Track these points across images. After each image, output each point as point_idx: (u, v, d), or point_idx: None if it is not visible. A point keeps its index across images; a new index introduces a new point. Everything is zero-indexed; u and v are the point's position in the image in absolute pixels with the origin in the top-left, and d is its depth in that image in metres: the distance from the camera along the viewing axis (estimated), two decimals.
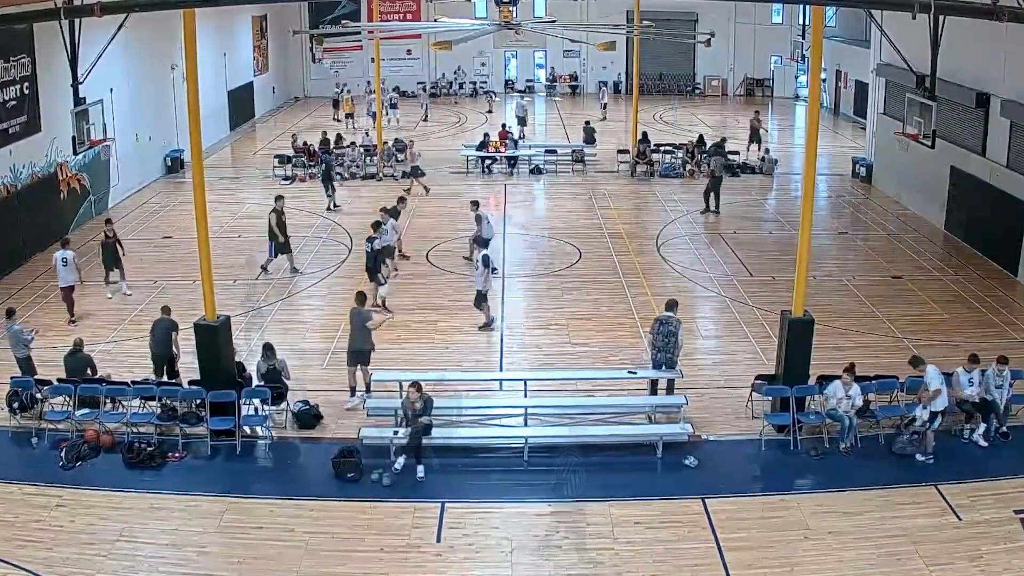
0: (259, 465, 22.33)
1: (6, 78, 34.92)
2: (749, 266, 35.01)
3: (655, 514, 19.69)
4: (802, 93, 75.33)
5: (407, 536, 19.01)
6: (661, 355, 24.14)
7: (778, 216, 42.62)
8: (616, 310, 30.78)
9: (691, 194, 45.66)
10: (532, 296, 32.38)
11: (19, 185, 35.99)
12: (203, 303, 22.94)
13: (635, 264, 35.16)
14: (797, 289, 22.62)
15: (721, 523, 19.31)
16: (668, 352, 24.08)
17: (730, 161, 50.09)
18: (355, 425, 22.84)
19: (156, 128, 48.83)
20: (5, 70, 34.82)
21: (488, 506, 20.09)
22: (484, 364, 27.09)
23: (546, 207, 45.04)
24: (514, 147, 52.00)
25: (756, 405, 23.58)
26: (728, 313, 30.37)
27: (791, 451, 22.23)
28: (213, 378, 22.94)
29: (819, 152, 22.78)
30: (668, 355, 24.11)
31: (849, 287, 32.76)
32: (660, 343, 24.03)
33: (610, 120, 66.53)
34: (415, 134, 59.99)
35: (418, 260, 35.61)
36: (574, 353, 27.69)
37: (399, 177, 48.80)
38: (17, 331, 24.95)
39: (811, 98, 25.22)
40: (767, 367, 25.00)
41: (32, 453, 22.42)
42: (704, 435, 22.80)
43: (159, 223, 40.97)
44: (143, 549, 18.62)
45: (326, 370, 26.32)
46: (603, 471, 21.39)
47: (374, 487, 20.76)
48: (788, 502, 20.13)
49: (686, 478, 21.12)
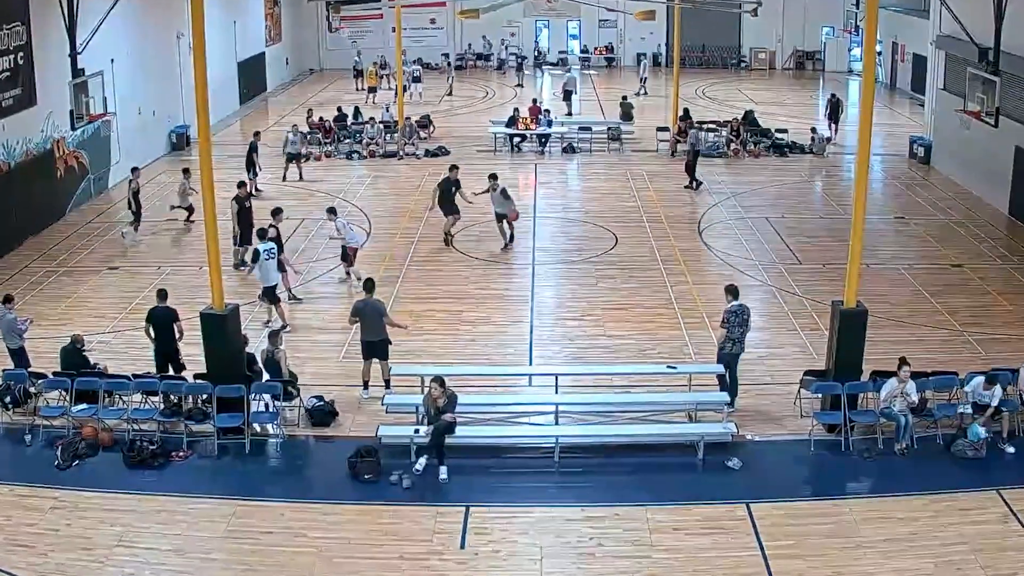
0: (269, 465, 22.33)
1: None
2: (798, 253, 34.86)
3: (696, 520, 19.59)
4: (856, 67, 74.86)
5: (428, 542, 18.95)
6: (739, 347, 23.99)
7: (829, 199, 42.44)
8: (654, 300, 30.70)
9: (736, 175, 45.63)
10: (564, 284, 32.33)
11: (12, 163, 35.90)
12: (210, 291, 22.87)
13: (675, 250, 35.07)
14: (849, 278, 22.47)
15: (767, 530, 19.19)
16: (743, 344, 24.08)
17: (780, 140, 50.06)
18: (373, 423, 22.77)
19: (160, 102, 49.00)
20: None
21: (516, 510, 20.01)
22: (512, 358, 27.06)
23: (580, 188, 45.00)
24: (546, 124, 51.87)
25: (805, 403, 23.44)
26: (775, 303, 30.25)
27: (842, 452, 22.07)
28: (220, 371, 22.83)
29: (874, 131, 22.65)
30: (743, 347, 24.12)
31: (905, 276, 32.57)
32: (738, 334, 23.86)
33: (649, 95, 66.44)
34: (440, 109, 60.07)
35: (442, 245, 35.67)
36: (609, 346, 27.63)
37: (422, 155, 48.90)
38: (11, 320, 24.86)
39: (865, 73, 25.05)
40: (817, 362, 24.88)
41: (25, 452, 22.42)
42: (749, 435, 22.70)
43: (163, 204, 41.00)
44: (144, 555, 18.58)
45: (342, 364, 26.33)
46: (640, 473, 21.31)
47: (393, 489, 20.68)
48: (839, 507, 20.00)
49: (729, 481, 21.02)
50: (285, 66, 74.34)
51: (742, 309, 23.80)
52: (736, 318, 23.62)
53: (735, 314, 23.67)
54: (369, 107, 59.70)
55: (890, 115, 59.83)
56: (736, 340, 23.67)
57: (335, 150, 49.75)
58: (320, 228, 35.94)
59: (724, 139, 50.63)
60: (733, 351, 23.81)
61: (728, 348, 23.69)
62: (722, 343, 23.65)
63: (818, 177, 46.36)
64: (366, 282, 25.49)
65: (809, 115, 56.66)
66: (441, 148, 50.16)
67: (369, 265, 32.86)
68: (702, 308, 29.63)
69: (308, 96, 67.28)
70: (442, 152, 49.62)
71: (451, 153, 48.79)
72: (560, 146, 51.30)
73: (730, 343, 23.68)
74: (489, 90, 70.57)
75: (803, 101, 64.39)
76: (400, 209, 39.18)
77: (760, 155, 49.53)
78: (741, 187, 43.28)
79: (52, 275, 32.29)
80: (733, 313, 23.67)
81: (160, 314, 24.65)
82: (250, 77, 65.23)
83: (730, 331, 23.59)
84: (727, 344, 23.65)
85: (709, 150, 49.36)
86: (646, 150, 50.84)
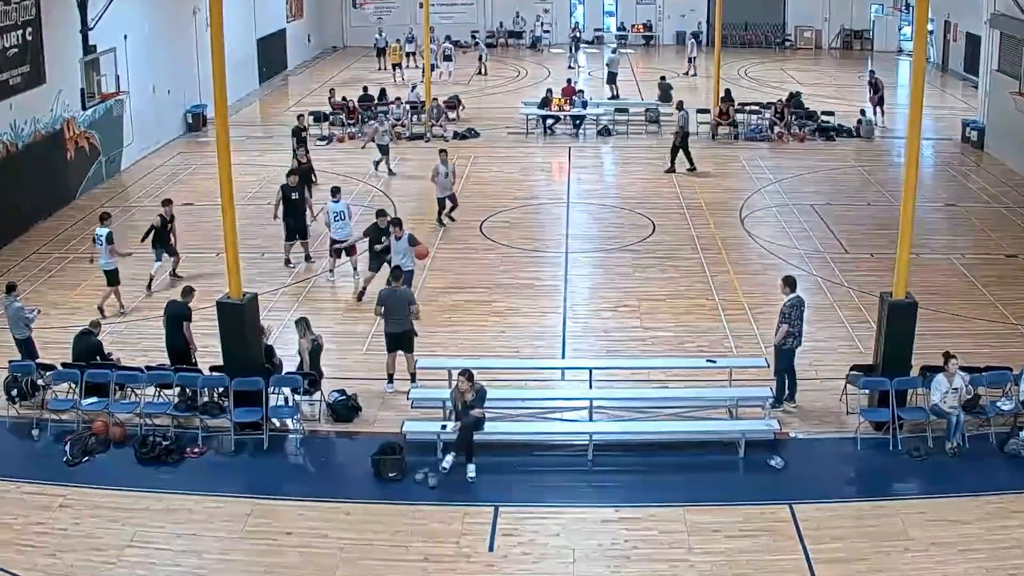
0: (289, 462, 22.47)
1: (6, 22, 34.72)
2: (844, 241, 34.76)
3: (736, 521, 19.60)
4: (906, 47, 74.53)
5: (455, 544, 19.01)
6: (797, 341, 23.91)
7: (878, 185, 42.23)
8: (694, 290, 30.68)
9: (780, 159, 45.52)
10: (599, 274, 32.33)
11: (20, 144, 36.02)
12: (227, 279, 22.92)
13: (716, 238, 35.04)
14: (899, 268, 22.39)
15: (810, 532, 19.17)
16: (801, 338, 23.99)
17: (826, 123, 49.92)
18: (398, 418, 22.84)
19: (176, 80, 48.99)
20: (5, 13, 34.61)
21: (547, 511, 20.05)
22: (544, 350, 27.10)
23: (615, 173, 44.96)
24: (581, 106, 51.74)
25: (851, 399, 23.32)
26: (820, 294, 30.08)
27: (890, 451, 22.01)
28: (238, 363, 22.86)
29: (924, 114, 22.54)
30: (801, 341, 24.04)
31: (957, 266, 32.43)
32: (797, 328, 23.81)
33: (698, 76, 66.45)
34: (470, 89, 60.08)
35: (471, 232, 35.74)
36: (646, 339, 27.64)
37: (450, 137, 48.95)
38: (18, 308, 24.92)
39: (916, 52, 24.94)
40: (864, 356, 24.80)
41: (33, 447, 22.59)
42: (792, 432, 22.70)
43: (178, 188, 41.22)
44: (157, 556, 18.68)
45: (366, 356, 26.41)
46: (678, 472, 21.33)
47: (419, 488, 20.75)
48: (886, 509, 19.97)
49: (771, 481, 21.03)
50: (307, 43, 74.46)
51: (801, 301, 23.76)
52: (796, 311, 23.54)
53: (795, 307, 23.57)
54: (395, 86, 59.73)
55: (941, 97, 59.52)
56: (796, 334, 23.64)
57: (359, 132, 49.77)
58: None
59: (768, 122, 50.48)
60: (794, 346, 23.80)
61: (789, 344, 23.63)
62: (783, 339, 23.57)
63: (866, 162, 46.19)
64: (394, 270, 25.55)
65: (857, 97, 56.37)
66: (470, 130, 50.21)
67: None
68: (744, 299, 29.63)
69: (330, 75, 67.35)
70: (471, 134, 49.70)
71: (480, 136, 48.85)
72: (595, 129, 51.25)
73: (791, 338, 23.63)
74: (521, 70, 70.53)
75: (850, 82, 64.06)
76: (427, 194, 39.19)
77: (805, 139, 49.28)
78: (785, 172, 43.17)
79: (61, 262, 32.42)
80: (793, 306, 23.57)
81: (170, 309, 24.80)
82: (270, 55, 65.40)
83: (791, 325, 23.54)
84: (788, 340, 23.59)
85: (753, 133, 49.35)
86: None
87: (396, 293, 24.62)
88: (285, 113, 55.73)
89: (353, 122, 50.52)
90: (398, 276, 25.16)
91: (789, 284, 23.93)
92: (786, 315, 23.46)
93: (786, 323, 23.43)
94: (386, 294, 24.72)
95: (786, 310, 23.53)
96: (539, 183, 42.54)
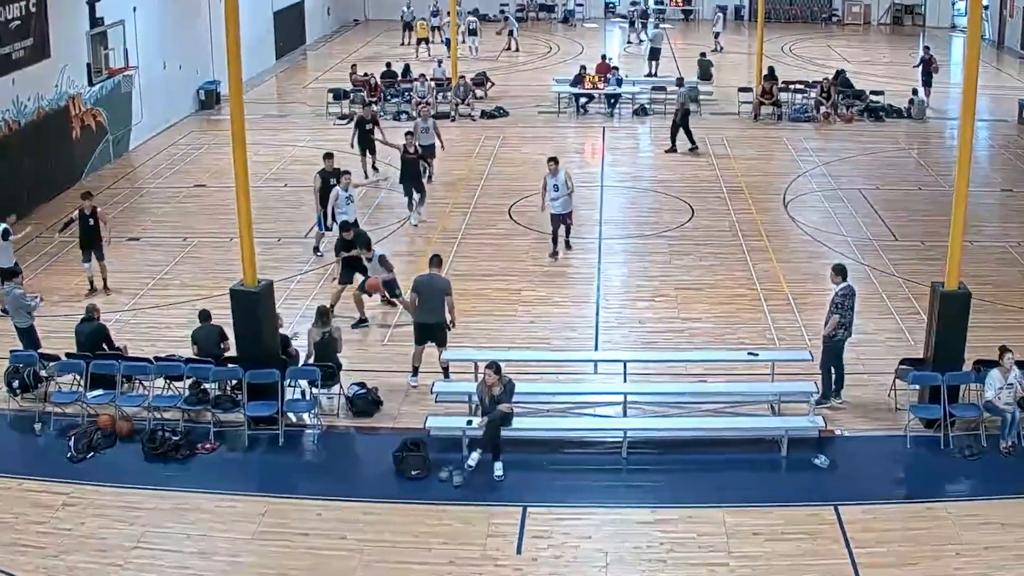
0: (305, 459, 22.55)
1: None
2: (894, 228, 34.65)
3: (778, 523, 19.55)
4: (959, 22, 74.19)
5: (482, 546, 18.99)
6: (847, 332, 23.75)
7: (929, 169, 42.07)
8: (734, 279, 30.64)
9: (826, 141, 45.40)
10: (634, 262, 32.33)
11: (23, 121, 36.02)
12: (241, 265, 22.92)
13: (757, 224, 34.98)
14: (951, 257, 22.27)
15: (856, 535, 19.11)
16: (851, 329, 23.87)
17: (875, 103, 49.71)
18: (421, 413, 22.84)
19: (187, 55, 49.15)
20: None
21: (579, 511, 20.02)
22: (576, 342, 27.07)
23: (652, 155, 44.83)
24: (615, 83, 51.61)
25: (900, 395, 23.32)
26: (868, 284, 29.92)
27: (941, 450, 21.91)
28: (252, 354, 22.81)
29: (979, 93, 22.43)
30: (851, 332, 23.91)
31: (1013, 255, 32.29)
32: (848, 318, 23.63)
33: (730, 52, 66.24)
34: (499, 66, 60.04)
35: (499, 217, 35.73)
36: (683, 330, 27.60)
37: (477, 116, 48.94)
38: (19, 296, 24.95)
39: (971, 28, 24.76)
40: (914, 350, 24.71)
41: (35, 442, 22.67)
42: (838, 430, 22.62)
43: (190, 168, 41.43)
44: (165, 558, 18.69)
45: (387, 346, 26.44)
46: (717, 471, 21.32)
47: (443, 487, 20.74)
48: (936, 511, 19.88)
49: (815, 481, 20.97)
50: (326, 16, 74.47)
51: (852, 291, 23.65)
52: (849, 301, 23.42)
53: (847, 296, 23.45)
54: (420, 62, 59.72)
55: (997, 76, 59.25)
56: (846, 325, 23.54)
57: (381, 110, 49.74)
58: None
59: (813, 102, 50.29)
60: (844, 338, 23.69)
61: (840, 335, 23.51)
62: (833, 331, 23.45)
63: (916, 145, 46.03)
64: (432, 257, 25.39)
65: (909, 76, 56.10)
66: (499, 109, 50.21)
67: (420, 237, 32.97)
68: (787, 289, 29.57)
69: (352, 50, 67.43)
70: (500, 113, 49.73)
71: (509, 115, 48.83)
72: (631, 108, 51.15)
73: (842, 330, 23.52)
74: (553, 45, 70.46)
75: (901, 60, 63.82)
76: (453, 177, 39.17)
77: (853, 119, 49.08)
78: (831, 155, 43.06)
79: (65, 246, 32.26)
80: (846, 296, 23.44)
81: (203, 336, 24.24)
82: (287, 29, 65.40)
83: (843, 316, 23.42)
84: (839, 331, 23.48)
85: (797, 114, 49.20)
86: (726, 113, 50.68)
87: (433, 280, 24.36)
88: (303, 90, 55.83)
89: (375, 100, 50.45)
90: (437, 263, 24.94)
91: (840, 272, 23.78)
92: (837, 305, 23.35)
93: (837, 313, 23.32)
94: (421, 280, 24.46)
95: (837, 300, 23.41)
96: (571, 165, 42.33)
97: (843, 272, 23.80)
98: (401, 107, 50.12)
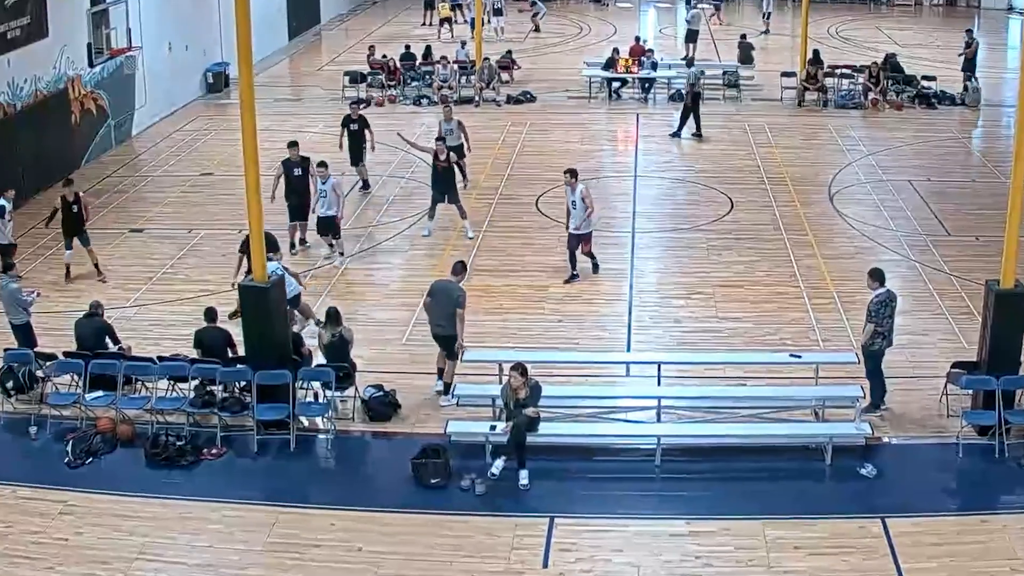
0: (318, 466, 22.55)
1: None
2: (946, 223, 34.50)
3: (821, 536, 19.45)
4: (1017, 3, 74.00)
5: (505, 559, 18.96)
6: (887, 341, 23.48)
7: (984, 160, 41.95)
8: (776, 276, 30.59)
9: (874, 129, 45.27)
10: (669, 257, 32.31)
11: (19, 104, 36.08)
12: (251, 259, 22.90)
13: (801, 217, 34.89)
14: (1007, 253, 22.16)
15: (905, 549, 18.99)
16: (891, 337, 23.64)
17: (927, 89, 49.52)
18: (442, 418, 22.82)
19: (194, 36, 49.27)
20: None
21: (609, 523, 19.97)
22: (607, 342, 27.03)
23: (688, 143, 44.69)
24: (650, 67, 51.51)
25: (952, 400, 23.16)
26: (918, 282, 29.96)
27: (995, 459, 21.79)
28: (262, 354, 22.69)
29: None
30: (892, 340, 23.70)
31: None
32: (887, 327, 23.42)
33: (773, 34, 66.30)
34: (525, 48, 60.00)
35: (525, 209, 35.70)
36: (721, 330, 27.53)
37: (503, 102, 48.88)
38: (14, 291, 24.83)
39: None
40: (968, 352, 24.57)
41: (31, 446, 22.63)
42: (885, 437, 22.55)
43: (196, 155, 41.55)
44: (169, 570, 18.69)
45: (405, 347, 26.39)
46: (756, 480, 21.24)
47: (464, 496, 20.71)
48: (991, 524, 19.78)
49: (861, 491, 20.86)
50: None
51: (890, 297, 23.42)
52: (885, 308, 23.18)
53: (884, 304, 23.22)
54: (442, 43, 59.72)
55: None
56: (885, 333, 23.34)
57: (400, 94, 49.80)
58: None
59: (861, 87, 50.14)
60: (883, 347, 23.50)
61: (878, 345, 23.30)
62: (870, 339, 23.26)
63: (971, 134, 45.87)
64: (456, 264, 24.73)
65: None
66: (525, 93, 50.12)
67: (441, 230, 32.91)
68: (832, 287, 29.48)
69: (369, 30, 67.51)
70: (527, 98, 49.66)
71: (537, 100, 48.75)
72: (666, 93, 51.09)
73: (880, 338, 23.32)
74: (584, 26, 70.42)
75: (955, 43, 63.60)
76: (477, 166, 39.13)
77: (903, 107, 48.93)
78: (880, 144, 42.97)
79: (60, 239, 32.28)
80: (882, 303, 23.22)
81: (209, 340, 24.13)
82: (300, 7, 65.49)
83: (880, 324, 23.24)
84: (876, 340, 23.28)
85: (844, 100, 49.07)
86: (768, 99, 50.52)
87: (446, 287, 23.92)
88: (317, 73, 55.84)
89: (394, 83, 50.43)
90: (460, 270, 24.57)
91: (876, 278, 23.53)
92: (872, 313, 23.12)
93: (872, 322, 23.14)
94: (436, 286, 24.19)
95: (873, 307, 23.17)
96: (603, 154, 42.52)
97: (880, 277, 23.52)
98: (421, 91, 50.07)
